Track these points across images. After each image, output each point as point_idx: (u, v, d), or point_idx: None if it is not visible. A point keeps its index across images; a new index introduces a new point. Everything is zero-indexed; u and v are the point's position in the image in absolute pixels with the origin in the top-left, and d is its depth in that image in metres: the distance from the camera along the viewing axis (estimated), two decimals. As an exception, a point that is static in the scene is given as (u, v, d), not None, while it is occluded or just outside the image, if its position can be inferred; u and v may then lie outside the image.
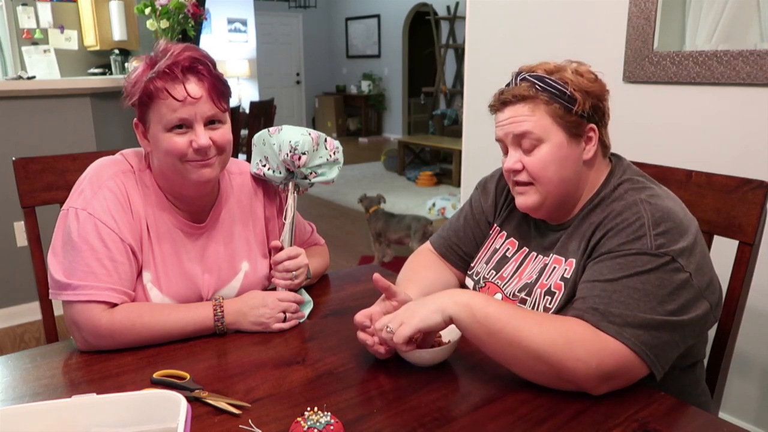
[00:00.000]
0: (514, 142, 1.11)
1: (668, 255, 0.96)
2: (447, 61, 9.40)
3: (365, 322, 1.04)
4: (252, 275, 1.31)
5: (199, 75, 1.12)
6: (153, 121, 1.13)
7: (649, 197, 1.04)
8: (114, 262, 1.12)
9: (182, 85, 1.09)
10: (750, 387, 1.94)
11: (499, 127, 1.13)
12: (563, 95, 1.06)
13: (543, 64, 1.11)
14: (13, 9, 3.92)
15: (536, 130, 1.07)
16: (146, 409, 0.79)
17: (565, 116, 1.07)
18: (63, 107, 2.98)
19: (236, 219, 1.31)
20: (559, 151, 1.07)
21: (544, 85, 1.07)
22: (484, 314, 0.97)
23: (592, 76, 1.10)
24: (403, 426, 0.88)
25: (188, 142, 1.12)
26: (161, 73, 1.10)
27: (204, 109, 1.12)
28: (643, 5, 2.01)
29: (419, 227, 3.92)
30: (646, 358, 0.93)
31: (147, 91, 1.10)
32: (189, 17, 3.32)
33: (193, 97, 1.10)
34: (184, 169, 1.14)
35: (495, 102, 1.14)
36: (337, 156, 1.33)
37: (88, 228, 1.11)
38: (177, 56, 1.11)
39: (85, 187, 1.15)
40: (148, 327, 1.11)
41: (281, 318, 1.19)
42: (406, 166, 7.53)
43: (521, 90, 1.08)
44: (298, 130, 1.29)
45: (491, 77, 2.64)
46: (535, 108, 1.07)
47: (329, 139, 1.33)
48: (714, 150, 1.90)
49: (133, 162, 1.21)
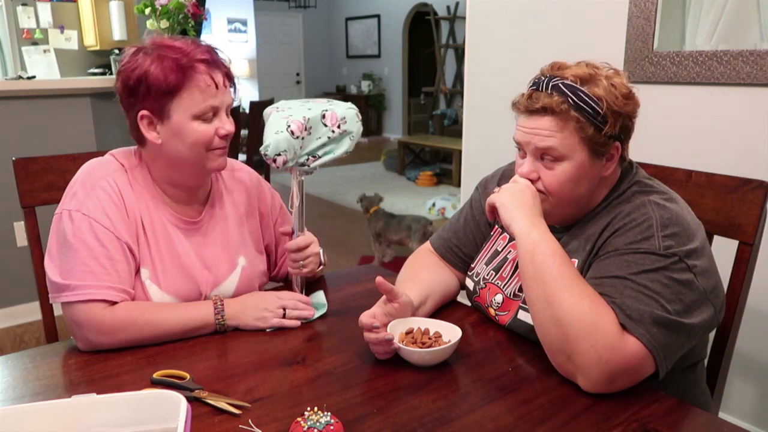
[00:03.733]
0: (534, 153, 1.07)
1: (676, 256, 0.97)
2: (447, 61, 9.40)
3: (372, 323, 1.04)
4: (249, 270, 1.32)
5: (219, 63, 1.17)
6: (179, 109, 1.13)
7: (658, 200, 1.04)
8: (111, 260, 1.12)
9: (220, 72, 1.15)
10: (750, 387, 1.94)
11: (519, 132, 1.08)
12: (596, 116, 1.01)
13: (576, 67, 1.05)
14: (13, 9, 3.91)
15: (561, 148, 1.03)
16: (146, 409, 0.79)
17: (594, 137, 1.02)
18: (63, 107, 2.98)
19: (231, 215, 1.32)
20: (579, 170, 1.04)
21: (578, 102, 1.01)
22: (541, 260, 1.00)
23: (626, 91, 1.03)
24: (403, 426, 0.88)
25: (214, 130, 1.15)
26: (200, 60, 1.13)
27: (228, 98, 1.18)
28: (643, 5, 2.01)
29: (419, 228, 3.92)
30: (657, 356, 0.93)
31: (186, 78, 1.11)
32: (189, 17, 3.32)
33: (224, 85, 1.16)
34: (207, 158, 1.17)
35: (521, 106, 1.07)
36: (344, 128, 1.23)
37: (84, 228, 1.11)
38: (199, 45, 1.15)
39: (77, 189, 1.15)
40: (150, 323, 1.11)
41: (280, 314, 1.20)
42: (406, 166, 7.53)
43: (552, 103, 1.01)
44: (276, 124, 1.19)
45: (491, 77, 2.64)
46: (564, 125, 1.02)
47: (329, 113, 1.22)
48: (714, 150, 1.90)
49: (124, 160, 1.21)
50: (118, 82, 1.16)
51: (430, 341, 1.06)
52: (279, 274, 1.46)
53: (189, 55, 1.12)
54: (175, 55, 1.12)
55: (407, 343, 1.05)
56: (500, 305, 1.19)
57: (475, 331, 1.20)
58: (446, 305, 1.30)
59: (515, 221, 1.05)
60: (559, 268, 0.99)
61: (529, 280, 1.02)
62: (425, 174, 6.85)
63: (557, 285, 0.97)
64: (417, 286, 1.22)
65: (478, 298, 1.25)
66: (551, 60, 1.13)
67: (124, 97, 1.16)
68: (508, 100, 1.12)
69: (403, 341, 1.06)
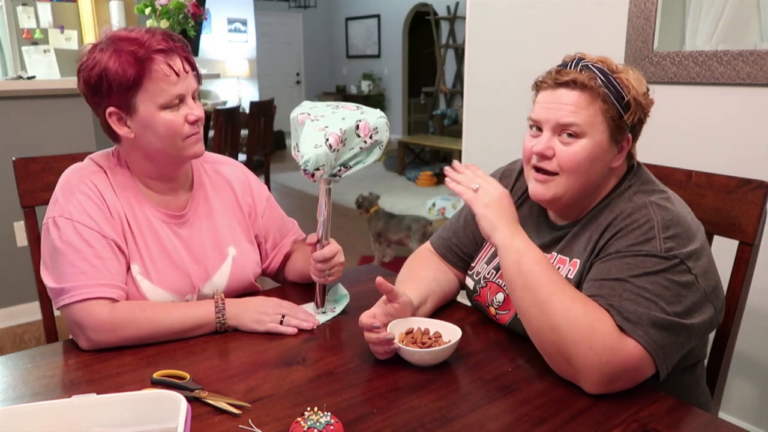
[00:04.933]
0: (554, 129, 1.05)
1: (677, 258, 0.97)
2: (447, 61, 9.39)
3: (373, 323, 1.04)
4: (240, 260, 1.32)
5: (177, 50, 1.15)
6: (144, 101, 1.13)
7: (659, 200, 1.04)
8: (101, 258, 1.13)
9: (179, 59, 1.14)
10: (750, 387, 1.94)
11: (541, 108, 1.06)
12: (621, 100, 1.03)
13: (604, 59, 1.06)
14: (13, 9, 3.91)
15: (584, 124, 1.02)
16: (146, 409, 0.79)
17: (617, 120, 1.03)
18: (63, 107, 2.98)
19: (216, 206, 1.32)
20: (597, 150, 1.04)
21: (608, 82, 1.02)
22: (528, 268, 1.00)
23: (644, 88, 1.06)
24: (403, 426, 0.88)
25: (183, 117, 1.15)
26: (157, 50, 1.11)
27: (192, 82, 1.17)
28: (643, 5, 2.01)
29: (419, 228, 3.93)
30: (656, 357, 0.93)
31: (145, 70, 1.10)
32: (189, 17, 3.32)
33: (185, 71, 1.14)
34: (183, 147, 1.17)
35: (548, 80, 1.06)
36: (375, 138, 1.22)
37: (69, 232, 1.12)
38: (155, 34, 1.13)
39: (58, 197, 1.17)
40: (150, 320, 1.12)
41: (277, 320, 1.19)
42: (406, 166, 7.53)
43: (584, 78, 1.02)
44: (314, 138, 1.16)
45: (491, 77, 2.64)
46: (591, 101, 1.02)
47: (363, 123, 1.20)
48: (714, 150, 1.90)
49: (102, 162, 1.22)
50: (80, 82, 1.15)
51: (430, 341, 1.06)
52: (269, 268, 1.45)
53: (145, 46, 1.11)
54: (132, 47, 1.11)
55: (407, 343, 1.05)
56: (501, 304, 1.19)
57: (475, 331, 1.20)
58: (446, 305, 1.30)
59: (496, 232, 1.06)
60: (547, 274, 0.99)
61: (518, 290, 1.02)
62: (425, 174, 6.85)
63: (548, 291, 0.97)
64: (417, 286, 1.22)
65: (479, 297, 1.25)
66: (551, 60, 1.13)
67: (88, 96, 1.16)
68: (508, 100, 1.12)
69: (403, 341, 1.06)
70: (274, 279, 1.50)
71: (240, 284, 1.32)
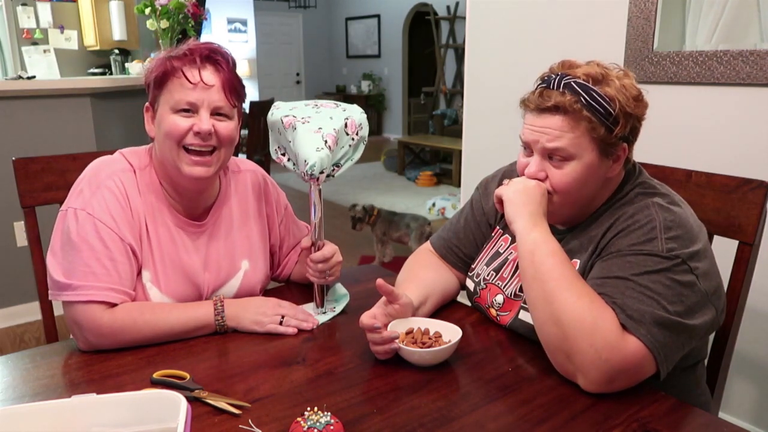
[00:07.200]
0: (542, 152, 1.06)
1: (679, 257, 0.97)
2: (447, 61, 9.40)
3: (373, 323, 1.03)
4: (252, 274, 1.31)
5: (216, 65, 1.16)
6: (163, 101, 1.15)
7: (661, 202, 1.04)
8: (114, 261, 1.11)
9: (198, 69, 1.13)
10: (750, 387, 1.94)
11: (529, 130, 1.06)
12: (608, 116, 1.00)
13: (587, 67, 1.04)
14: (13, 9, 3.92)
15: (570, 148, 1.02)
16: (146, 409, 0.79)
17: (605, 138, 1.02)
18: (63, 107, 2.98)
19: (237, 218, 1.31)
20: (588, 170, 1.04)
21: (591, 102, 1.00)
22: (541, 260, 1.00)
23: (636, 92, 1.03)
24: (403, 426, 0.88)
25: (190, 126, 1.13)
26: (180, 55, 1.14)
27: (214, 97, 1.14)
28: (643, 5, 2.01)
29: (417, 226, 3.94)
30: (658, 356, 0.93)
31: (164, 70, 1.13)
32: (189, 17, 3.32)
33: (206, 83, 1.13)
34: (179, 157, 1.14)
35: (531, 104, 1.05)
36: (361, 134, 1.23)
37: (87, 228, 1.11)
38: (198, 44, 1.16)
39: (83, 187, 1.15)
40: (150, 324, 1.11)
41: (277, 321, 1.19)
42: (406, 166, 7.53)
43: (565, 102, 1.00)
44: (313, 142, 1.16)
45: (491, 77, 2.64)
46: (575, 125, 1.01)
47: (350, 121, 1.21)
48: (714, 150, 1.90)
49: (133, 161, 1.21)
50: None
51: (430, 341, 1.06)
52: (282, 273, 1.46)
53: (179, 52, 1.15)
54: (175, 52, 1.16)
55: (407, 343, 1.05)
56: (501, 305, 1.19)
57: (475, 331, 1.20)
58: (446, 305, 1.30)
59: (518, 219, 1.06)
60: (559, 268, 0.99)
61: (528, 280, 1.02)
62: (425, 174, 6.85)
63: (557, 284, 0.97)
64: (417, 287, 1.22)
65: (479, 298, 1.25)
66: (551, 60, 1.12)
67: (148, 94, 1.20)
68: (508, 100, 1.12)
69: (404, 341, 1.06)
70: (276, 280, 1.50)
71: (246, 295, 1.30)
